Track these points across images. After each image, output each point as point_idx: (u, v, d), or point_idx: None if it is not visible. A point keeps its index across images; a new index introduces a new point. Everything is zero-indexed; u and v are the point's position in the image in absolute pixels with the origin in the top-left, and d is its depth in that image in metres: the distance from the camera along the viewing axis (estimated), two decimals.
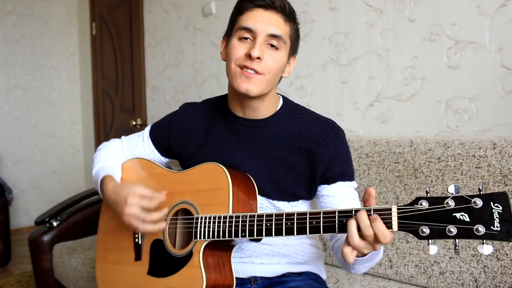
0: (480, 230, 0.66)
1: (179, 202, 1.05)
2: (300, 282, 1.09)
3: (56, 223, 2.05)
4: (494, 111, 1.45)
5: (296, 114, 1.09)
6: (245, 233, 0.90)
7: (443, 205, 0.69)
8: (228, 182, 0.97)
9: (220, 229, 0.94)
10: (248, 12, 1.00)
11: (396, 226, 0.74)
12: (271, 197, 1.06)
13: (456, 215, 0.68)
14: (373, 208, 0.77)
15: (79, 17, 4.10)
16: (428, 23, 1.60)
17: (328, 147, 1.03)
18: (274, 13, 0.99)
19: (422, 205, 0.71)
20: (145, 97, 3.19)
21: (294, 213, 0.85)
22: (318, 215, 0.82)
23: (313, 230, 0.82)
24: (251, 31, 0.98)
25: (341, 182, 1.05)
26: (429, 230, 0.70)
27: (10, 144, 3.76)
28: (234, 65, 0.99)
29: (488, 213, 0.66)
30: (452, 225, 0.68)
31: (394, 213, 0.74)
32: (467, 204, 0.67)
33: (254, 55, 0.95)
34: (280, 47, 1.00)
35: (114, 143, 1.28)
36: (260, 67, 0.97)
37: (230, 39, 1.03)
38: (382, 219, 0.75)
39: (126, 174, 1.21)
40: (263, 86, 0.99)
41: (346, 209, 0.80)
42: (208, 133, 1.13)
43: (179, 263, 1.00)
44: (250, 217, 0.91)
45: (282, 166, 1.05)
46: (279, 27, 0.99)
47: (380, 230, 0.74)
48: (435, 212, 0.70)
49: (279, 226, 0.86)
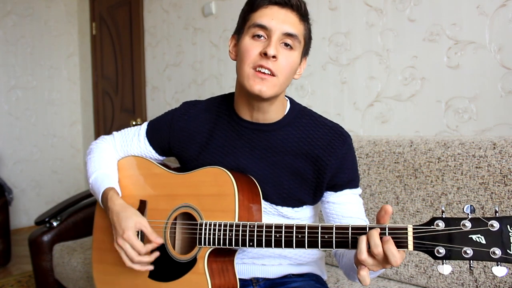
0: (497, 253, 0.66)
1: (181, 205, 1.03)
2: (301, 283, 1.08)
3: (56, 223, 2.05)
4: (494, 111, 1.45)
5: (303, 119, 1.06)
6: (253, 243, 0.89)
7: (460, 227, 0.69)
8: (234, 189, 0.94)
9: (227, 237, 0.92)
10: (263, 9, 0.95)
11: (412, 246, 0.73)
12: (275, 203, 1.04)
13: (472, 237, 0.68)
14: (388, 226, 0.75)
15: (79, 17, 4.10)
16: (428, 23, 1.60)
17: (336, 154, 1.01)
18: (290, 11, 0.96)
19: (439, 226, 0.71)
20: (145, 97, 3.19)
21: (305, 225, 0.83)
22: (331, 230, 0.80)
23: (325, 245, 0.81)
24: (266, 28, 0.94)
25: (348, 190, 1.04)
26: (445, 251, 0.70)
27: (10, 144, 3.76)
28: (248, 66, 0.95)
29: (505, 236, 0.66)
30: (468, 247, 0.68)
31: (410, 233, 0.73)
32: (484, 226, 0.67)
33: (270, 53, 0.91)
34: (295, 46, 0.97)
35: (106, 142, 1.22)
36: (275, 67, 0.94)
37: (241, 37, 0.99)
38: (397, 238, 0.73)
39: (124, 172, 1.17)
40: (276, 89, 0.96)
41: (360, 226, 0.79)
42: (212, 135, 1.09)
43: (183, 268, 0.98)
44: (258, 227, 0.89)
45: (287, 172, 1.03)
46: (295, 26, 0.96)
47: (391, 252, 0.72)
48: (451, 234, 0.70)
49: (289, 238, 0.85)
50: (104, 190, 1.09)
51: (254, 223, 0.90)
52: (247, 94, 0.99)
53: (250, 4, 1.00)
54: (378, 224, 0.77)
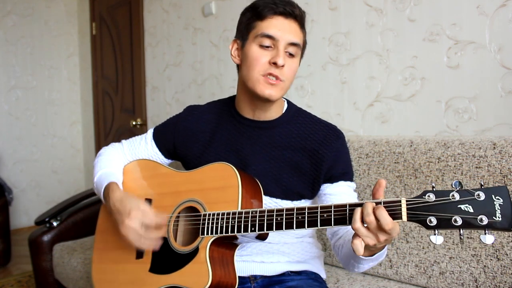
0: (483, 220, 0.71)
1: (186, 200, 1.06)
2: (299, 281, 1.09)
3: (56, 223, 2.05)
4: (494, 111, 1.45)
5: (300, 118, 1.15)
6: (254, 228, 0.91)
7: (449, 198, 0.74)
8: (237, 180, 0.98)
9: (229, 225, 0.94)
10: (269, 19, 1.03)
11: (405, 217, 0.77)
12: (275, 196, 1.09)
13: (461, 207, 0.73)
14: (383, 200, 0.79)
15: (79, 17, 4.10)
16: (428, 23, 1.60)
17: (331, 147, 1.10)
18: (293, 21, 1.04)
19: (430, 198, 0.76)
20: (145, 97, 3.19)
21: (305, 207, 0.87)
22: (329, 208, 0.85)
23: (324, 223, 0.85)
24: (273, 39, 1.02)
25: (343, 182, 1.11)
26: (436, 221, 0.75)
27: (10, 144, 3.76)
28: (258, 73, 1.03)
29: (490, 205, 0.71)
30: (458, 215, 0.73)
31: (404, 205, 0.78)
32: (471, 196, 0.73)
33: (280, 63, 1.01)
34: (297, 54, 1.06)
35: (114, 147, 1.28)
36: (282, 73, 1.03)
37: (247, 44, 1.06)
38: (391, 210, 0.77)
39: (130, 175, 1.21)
40: (283, 92, 1.06)
41: (357, 202, 0.83)
42: (215, 133, 1.16)
43: (184, 259, 1.00)
44: (260, 212, 0.92)
45: (287, 166, 1.09)
46: (297, 35, 1.05)
47: (383, 217, 0.76)
48: (442, 204, 0.75)
49: (289, 220, 0.88)
50: (106, 184, 1.11)
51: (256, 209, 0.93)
52: (254, 96, 1.07)
53: (255, 12, 1.05)
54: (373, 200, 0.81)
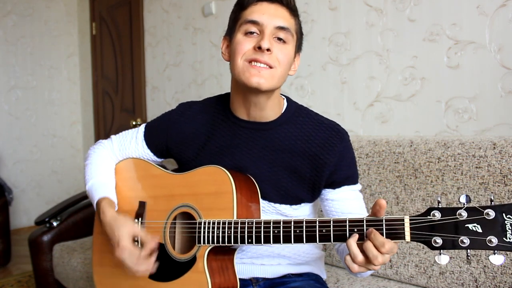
0: (493, 241, 0.66)
1: (180, 205, 1.03)
2: (301, 283, 1.08)
3: (56, 223, 2.05)
4: (494, 111, 1.45)
5: (300, 117, 1.06)
6: (251, 240, 0.88)
7: (456, 216, 0.69)
8: (231, 187, 0.94)
9: (225, 235, 0.92)
10: (253, 6, 0.97)
11: (409, 237, 0.73)
12: (273, 201, 1.04)
13: (468, 226, 0.68)
14: (385, 218, 0.75)
15: (79, 17, 4.09)
16: (428, 23, 1.60)
17: (333, 152, 1.02)
18: (280, 6, 0.97)
19: (435, 216, 0.71)
20: (145, 97, 3.19)
21: (303, 220, 0.83)
22: (328, 223, 0.80)
23: (323, 239, 0.81)
24: (258, 24, 0.94)
25: (346, 187, 1.05)
26: (442, 241, 0.70)
27: (10, 144, 3.76)
28: (241, 60, 0.94)
29: (500, 225, 0.66)
30: (465, 236, 0.68)
31: (407, 224, 0.73)
32: (480, 215, 0.67)
33: (264, 46, 0.91)
34: (288, 40, 0.97)
35: (104, 147, 1.22)
36: (272, 60, 0.93)
37: (233, 36, 0.99)
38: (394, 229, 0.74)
39: (122, 175, 1.18)
40: (275, 81, 0.95)
41: (357, 219, 0.79)
42: (209, 137, 1.09)
43: (182, 267, 0.98)
44: (256, 223, 0.88)
45: (286, 170, 1.03)
46: (286, 20, 0.97)
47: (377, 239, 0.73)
48: (448, 223, 0.70)
49: (287, 233, 0.84)
50: (97, 201, 1.09)
51: (252, 219, 0.90)
52: (244, 90, 0.98)
53: (239, 4, 1.01)
54: (375, 217, 0.77)
